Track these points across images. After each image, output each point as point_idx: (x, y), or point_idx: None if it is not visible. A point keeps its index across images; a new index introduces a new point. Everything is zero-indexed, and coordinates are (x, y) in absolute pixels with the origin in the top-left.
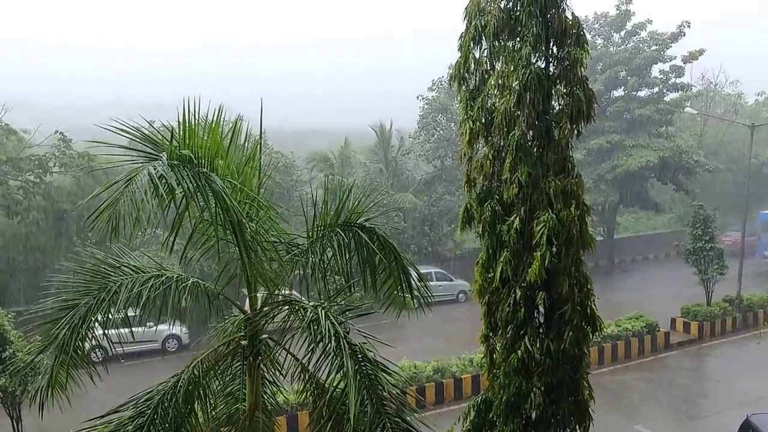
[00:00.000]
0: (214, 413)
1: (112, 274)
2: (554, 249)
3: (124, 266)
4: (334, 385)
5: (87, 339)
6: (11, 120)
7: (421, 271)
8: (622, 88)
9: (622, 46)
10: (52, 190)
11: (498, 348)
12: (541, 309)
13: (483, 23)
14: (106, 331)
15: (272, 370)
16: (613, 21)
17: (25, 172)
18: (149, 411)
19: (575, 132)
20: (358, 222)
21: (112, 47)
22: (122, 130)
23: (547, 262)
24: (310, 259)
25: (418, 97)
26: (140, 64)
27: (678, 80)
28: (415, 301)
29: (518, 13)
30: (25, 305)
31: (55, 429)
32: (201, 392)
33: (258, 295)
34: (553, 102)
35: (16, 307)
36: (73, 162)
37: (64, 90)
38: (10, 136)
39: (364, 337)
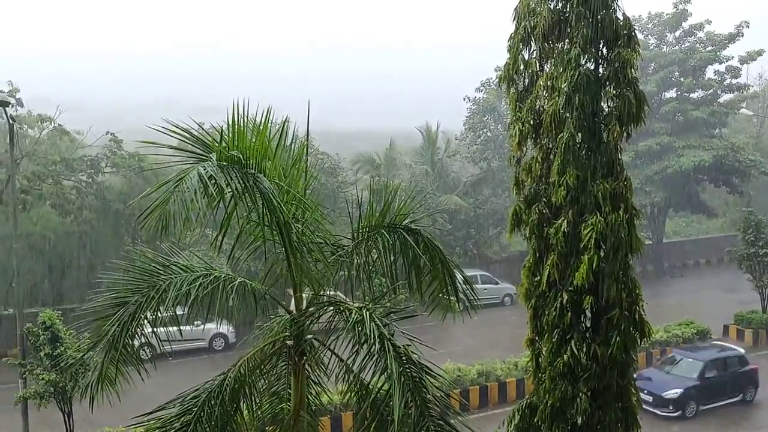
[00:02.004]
0: (259, 412)
1: (162, 272)
2: (602, 253)
3: (174, 265)
4: (379, 386)
5: (136, 336)
6: (64, 121)
7: (467, 274)
8: (675, 89)
9: (677, 47)
10: (104, 190)
11: (544, 352)
12: (588, 313)
13: (532, 24)
14: (154, 329)
15: (317, 370)
16: (668, 21)
17: (78, 172)
18: (196, 409)
19: (625, 134)
20: (403, 224)
21: (162, 50)
22: (172, 131)
23: (594, 266)
24: (355, 260)
25: (465, 98)
26: (191, 66)
27: (734, 81)
28: (459, 304)
29: (568, 15)
30: (77, 303)
31: (105, 424)
32: (247, 391)
33: (303, 295)
34: (602, 104)
35: (69, 305)
36: (124, 162)
37: (116, 91)
38: (63, 137)
39: (409, 339)
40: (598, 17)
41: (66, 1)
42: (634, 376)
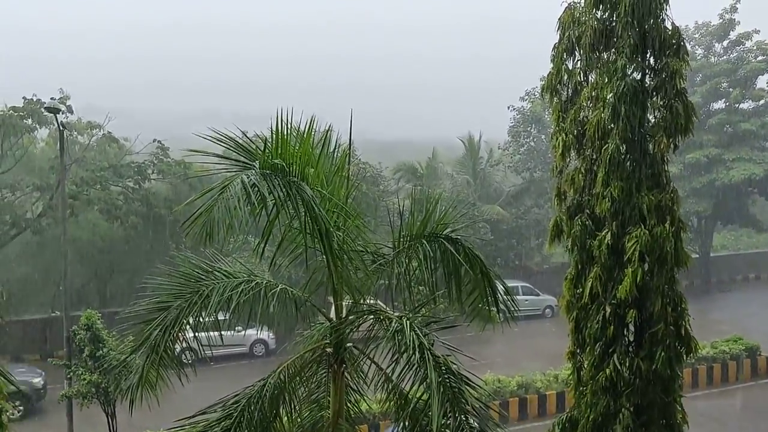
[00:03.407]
0: (298, 419)
1: (205, 278)
2: (646, 266)
3: (216, 271)
4: (418, 396)
5: (178, 341)
6: (113, 128)
7: (507, 285)
8: (724, 100)
9: (725, 57)
10: (150, 196)
11: (585, 365)
12: (632, 327)
13: (577, 34)
14: (196, 334)
15: (356, 378)
16: (715, 30)
17: (125, 178)
18: (236, 414)
19: (672, 146)
20: (444, 233)
21: (208, 58)
22: (217, 139)
23: (638, 279)
24: (396, 269)
25: (509, 108)
26: (237, 74)
27: None
28: (500, 314)
29: (614, 24)
30: (122, 306)
31: (147, 426)
32: (286, 397)
33: (343, 303)
34: (648, 115)
35: (115, 308)
36: (170, 169)
37: (163, 99)
38: (111, 144)
39: (448, 349)
40: (646, 26)
41: (118, 11)
42: (680, 392)
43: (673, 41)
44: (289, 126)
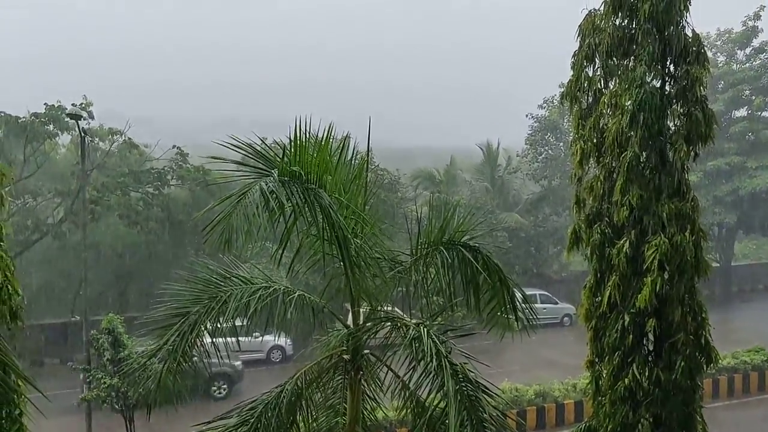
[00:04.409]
0: (315, 425)
1: (223, 284)
2: (666, 275)
3: (235, 277)
4: (435, 404)
5: (195, 346)
6: (133, 135)
7: (526, 293)
8: (746, 107)
9: (747, 64)
10: (169, 202)
11: (604, 375)
12: (651, 337)
13: (597, 41)
14: (213, 340)
15: (373, 385)
16: (737, 38)
17: (145, 184)
18: (253, 420)
19: (692, 154)
20: (462, 241)
21: (227, 61)
22: (236, 146)
23: (658, 288)
24: (413, 276)
25: (527, 116)
26: (256, 81)
27: None
28: (518, 323)
29: (634, 31)
30: (141, 311)
31: (165, 431)
32: (303, 404)
33: (361, 310)
34: (668, 122)
35: (134, 313)
36: (189, 175)
37: (182, 106)
38: (132, 150)
39: (466, 357)
40: (666, 34)
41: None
42: (701, 403)
43: (694, 48)
44: (307, 133)
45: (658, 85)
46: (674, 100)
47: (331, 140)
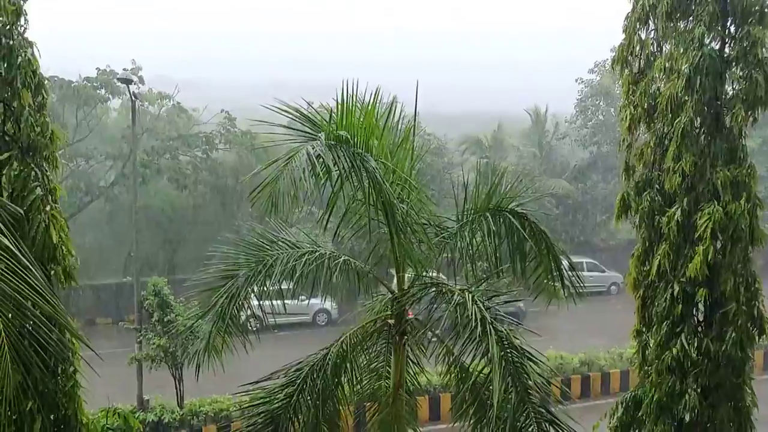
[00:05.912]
0: (359, 388)
1: (269, 248)
2: (719, 244)
3: (281, 241)
4: (479, 370)
5: (243, 308)
6: (182, 99)
7: (573, 261)
8: None
9: None
10: (217, 166)
11: (651, 344)
12: (701, 307)
13: (652, 2)
14: (261, 302)
15: (416, 350)
16: None
17: (194, 148)
18: (299, 381)
19: (750, 119)
20: (509, 207)
21: (276, 30)
22: (283, 110)
23: (710, 257)
24: (459, 242)
25: (577, 80)
26: (305, 47)
27: None
28: (564, 290)
29: None
30: (190, 273)
31: (213, 391)
32: (348, 367)
33: (406, 275)
34: (726, 86)
35: (182, 275)
36: (237, 140)
37: (231, 71)
38: (181, 114)
39: (511, 323)
40: None
41: None
42: (751, 374)
43: (757, 8)
44: (353, 97)
45: (717, 47)
46: (733, 63)
47: (377, 104)
